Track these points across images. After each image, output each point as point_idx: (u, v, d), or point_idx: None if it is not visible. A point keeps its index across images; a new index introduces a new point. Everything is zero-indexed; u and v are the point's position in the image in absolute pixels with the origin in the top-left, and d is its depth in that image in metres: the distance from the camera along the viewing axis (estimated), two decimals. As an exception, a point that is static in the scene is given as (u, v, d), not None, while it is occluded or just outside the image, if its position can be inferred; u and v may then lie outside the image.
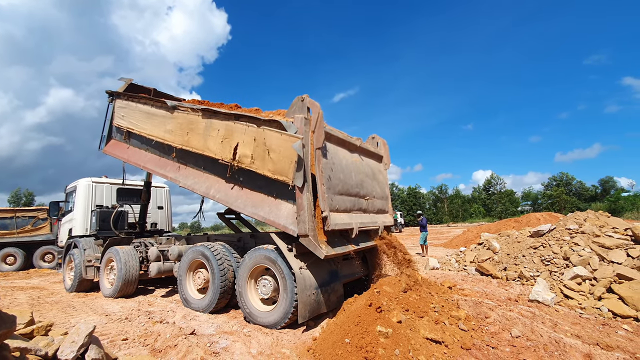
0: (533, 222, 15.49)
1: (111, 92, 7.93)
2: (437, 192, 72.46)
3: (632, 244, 5.94)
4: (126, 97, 7.51)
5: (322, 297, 4.35)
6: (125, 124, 7.37)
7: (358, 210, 5.25)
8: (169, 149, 6.20)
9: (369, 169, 5.88)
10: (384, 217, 6.18)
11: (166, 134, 6.21)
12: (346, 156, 5.19)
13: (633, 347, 3.62)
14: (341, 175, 4.82)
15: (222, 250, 5.22)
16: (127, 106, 7.41)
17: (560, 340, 3.71)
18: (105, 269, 7.00)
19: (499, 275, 6.91)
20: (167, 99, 6.55)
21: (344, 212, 4.81)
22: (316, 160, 4.27)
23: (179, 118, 5.97)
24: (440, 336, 3.60)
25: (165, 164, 6.31)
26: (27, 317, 2.70)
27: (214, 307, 5.05)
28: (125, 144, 7.44)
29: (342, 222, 4.58)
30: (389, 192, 6.64)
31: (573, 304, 5.06)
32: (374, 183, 5.94)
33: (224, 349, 3.65)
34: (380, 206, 6.09)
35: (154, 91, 8.36)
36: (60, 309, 5.93)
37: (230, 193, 5.02)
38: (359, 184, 5.30)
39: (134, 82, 8.18)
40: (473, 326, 4.12)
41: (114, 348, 3.74)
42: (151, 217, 9.33)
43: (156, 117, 6.53)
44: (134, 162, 7.08)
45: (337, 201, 4.64)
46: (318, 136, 4.27)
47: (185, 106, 5.87)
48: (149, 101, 6.82)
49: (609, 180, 60.59)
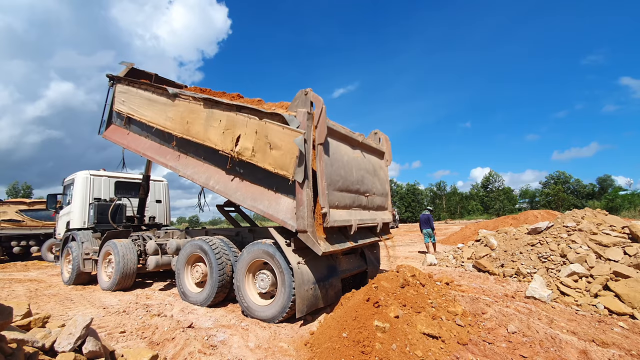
0: (531, 220, 15.55)
1: (112, 76, 7.78)
2: (436, 189, 72.64)
3: (629, 242, 5.97)
4: (127, 82, 7.37)
5: (320, 292, 4.36)
6: (126, 109, 7.25)
7: (357, 206, 5.24)
8: (169, 137, 6.13)
9: (370, 165, 5.85)
10: (383, 214, 6.17)
11: (167, 122, 6.13)
12: (348, 152, 5.16)
13: (628, 344, 3.65)
14: (342, 172, 4.79)
15: (220, 244, 5.21)
16: (127, 91, 7.29)
17: (556, 337, 3.73)
18: (103, 262, 7.00)
19: (496, 271, 6.94)
20: (169, 85, 6.43)
21: (343, 209, 4.79)
22: (317, 155, 4.25)
23: (180, 106, 5.89)
24: (437, 331, 3.62)
25: (165, 152, 6.25)
26: (24, 309, 2.70)
27: (212, 301, 5.06)
28: (126, 130, 7.34)
29: (341, 219, 4.57)
30: (389, 189, 6.62)
31: (569, 301, 5.09)
32: (375, 179, 5.92)
33: (221, 343, 3.66)
34: (379, 203, 6.08)
35: (155, 77, 8.19)
36: (58, 301, 5.93)
37: (230, 185, 5.00)
38: (359, 180, 5.28)
39: (136, 67, 8.01)
40: (470, 322, 4.14)
41: (111, 340, 3.75)
42: (149, 210, 9.31)
43: (157, 104, 6.43)
44: (133, 148, 7.00)
45: (337, 197, 4.62)
46: (320, 131, 4.23)
47: (186, 94, 5.78)
48: (150, 87, 6.71)
49: (607, 178, 60.90)
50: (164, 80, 8.33)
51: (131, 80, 7.31)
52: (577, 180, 62.38)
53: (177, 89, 6.07)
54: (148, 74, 8.13)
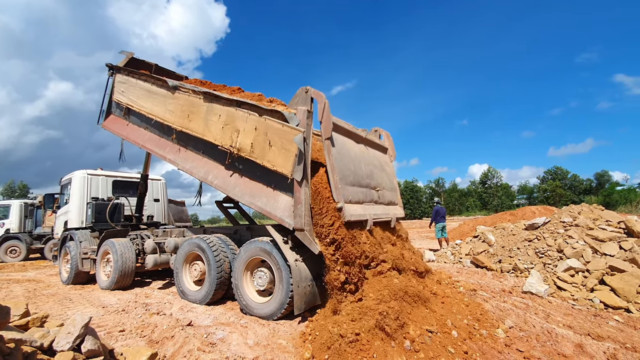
0: (528, 216, 15.62)
1: (111, 66, 7.64)
2: (434, 186, 72.73)
3: (624, 237, 6.02)
4: (126, 72, 7.26)
5: (318, 289, 4.37)
6: (125, 99, 7.15)
7: (370, 201, 5.16)
8: (168, 130, 6.07)
9: (377, 160, 5.79)
10: (395, 209, 6.06)
11: (166, 114, 6.06)
12: (354, 147, 5.09)
13: (623, 337, 3.69)
14: (352, 166, 4.73)
15: (218, 242, 5.21)
16: (127, 82, 7.18)
17: (553, 331, 3.77)
18: (102, 261, 6.99)
19: (494, 267, 6.98)
20: (169, 76, 6.32)
21: (357, 204, 4.71)
22: (326, 150, 4.23)
23: (180, 99, 5.83)
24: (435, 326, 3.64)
25: (164, 145, 6.20)
26: (22, 308, 2.70)
27: (211, 299, 5.07)
28: (125, 121, 7.23)
29: (356, 214, 4.49)
30: (397, 184, 6.56)
31: (566, 296, 5.13)
32: (383, 174, 5.85)
33: (220, 340, 3.68)
34: (390, 198, 5.98)
35: (155, 67, 8.07)
36: (57, 301, 5.93)
37: (229, 180, 4.98)
38: (369, 174, 5.21)
39: (136, 57, 7.88)
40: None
41: (111, 339, 3.76)
42: (147, 209, 9.29)
43: (157, 95, 6.35)
44: (132, 139, 6.92)
45: (350, 192, 4.55)
46: (326, 126, 4.21)
47: (186, 87, 5.71)
48: (150, 79, 6.61)
49: (605, 174, 61.12)
50: (164, 70, 8.17)
51: (130, 70, 7.18)
52: (574, 175, 62.67)
53: (177, 82, 5.98)
54: (148, 64, 7.98)
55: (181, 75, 8.26)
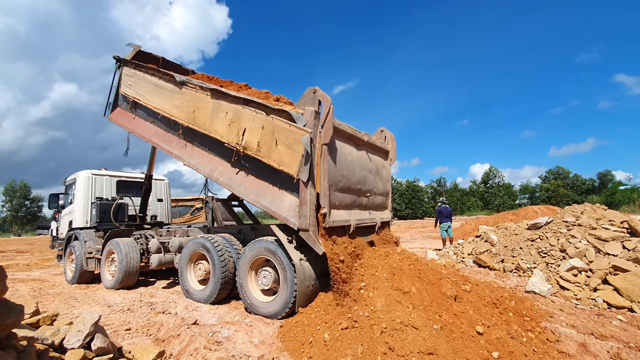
0: (531, 215, 15.60)
1: (119, 58, 7.65)
2: (436, 186, 72.65)
3: (628, 236, 6.02)
4: (134, 65, 7.24)
5: (321, 288, 4.40)
6: (132, 93, 7.15)
7: (357, 206, 5.24)
8: (175, 125, 6.08)
9: (374, 165, 5.82)
10: (382, 213, 6.17)
11: (173, 109, 6.05)
12: (352, 152, 5.12)
13: (627, 337, 3.70)
14: (345, 172, 4.77)
15: (222, 241, 5.25)
16: (134, 75, 7.17)
17: (556, 330, 3.79)
18: (106, 260, 7.04)
19: (497, 267, 6.99)
20: (176, 70, 6.26)
21: (343, 209, 4.79)
22: (321, 156, 4.24)
23: (187, 95, 5.82)
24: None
25: (171, 140, 6.20)
26: (32, 307, 2.74)
27: (215, 298, 5.11)
28: (132, 114, 7.23)
29: (340, 219, 4.58)
30: (390, 188, 6.60)
31: (569, 295, 5.14)
32: (377, 179, 5.91)
33: (226, 339, 3.71)
34: (379, 202, 6.08)
35: (162, 60, 8.02)
36: (63, 300, 5.98)
37: (234, 178, 5.00)
38: (361, 180, 5.26)
39: (143, 50, 7.85)
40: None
41: (117, 338, 3.80)
42: (151, 209, 9.34)
43: (164, 90, 6.34)
44: (139, 133, 6.92)
45: (338, 198, 4.62)
46: (326, 132, 4.20)
47: (194, 83, 5.69)
48: (157, 73, 6.58)
49: (607, 173, 60.96)
50: (171, 64, 8.11)
51: (138, 64, 7.16)
52: (576, 175, 62.51)
53: (184, 77, 5.97)
54: (155, 57, 7.94)
55: (188, 70, 8.22)
